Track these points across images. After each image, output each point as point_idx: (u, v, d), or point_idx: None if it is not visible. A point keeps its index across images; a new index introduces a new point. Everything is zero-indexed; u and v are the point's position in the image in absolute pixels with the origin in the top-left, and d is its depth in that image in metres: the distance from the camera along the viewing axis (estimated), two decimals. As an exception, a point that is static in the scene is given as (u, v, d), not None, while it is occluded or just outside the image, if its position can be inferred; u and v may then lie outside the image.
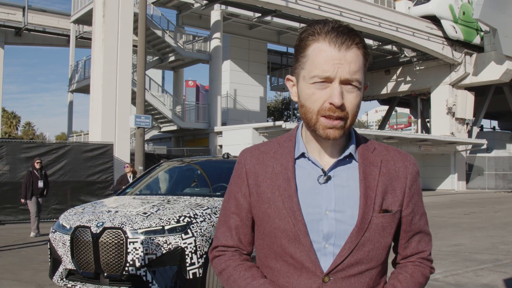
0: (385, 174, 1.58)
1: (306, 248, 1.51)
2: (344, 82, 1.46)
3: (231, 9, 31.89)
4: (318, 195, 1.54)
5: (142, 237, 5.58)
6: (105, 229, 5.66)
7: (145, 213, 5.90)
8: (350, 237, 1.51)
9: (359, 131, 31.96)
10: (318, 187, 1.55)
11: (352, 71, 1.46)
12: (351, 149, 1.58)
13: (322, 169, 1.56)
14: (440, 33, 37.48)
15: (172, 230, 5.68)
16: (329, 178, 1.55)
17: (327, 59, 1.45)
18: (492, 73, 37.66)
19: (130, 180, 13.24)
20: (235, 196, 1.67)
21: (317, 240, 1.52)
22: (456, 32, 37.46)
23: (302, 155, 1.60)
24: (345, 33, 1.47)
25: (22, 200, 13.27)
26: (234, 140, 28.54)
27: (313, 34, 1.49)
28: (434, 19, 37.19)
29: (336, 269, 1.51)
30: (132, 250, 5.54)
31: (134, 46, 22.94)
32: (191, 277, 5.64)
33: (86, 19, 27.69)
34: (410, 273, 1.62)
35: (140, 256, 5.52)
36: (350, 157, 1.59)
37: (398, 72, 43.47)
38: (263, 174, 1.61)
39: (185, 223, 5.77)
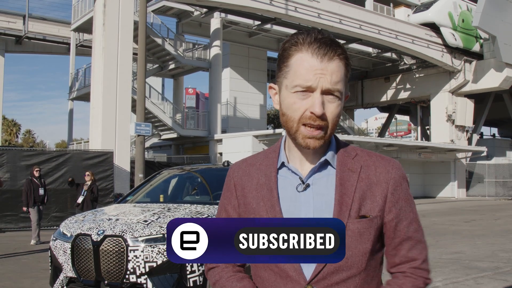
0: (364, 180, 1.57)
1: None
2: (326, 92, 1.49)
3: (230, 17, 31.98)
4: (298, 203, 1.56)
5: (142, 245, 5.59)
6: (105, 237, 5.67)
7: (145, 221, 5.91)
8: None
9: (359, 138, 32.03)
10: (298, 195, 1.57)
11: (333, 82, 1.48)
12: (328, 156, 1.59)
13: (300, 177, 1.58)
14: (439, 41, 37.56)
15: (173, 238, 5.68)
16: (308, 186, 1.57)
17: (309, 69, 1.48)
18: (492, 80, 37.70)
19: (85, 190, 12.98)
20: (225, 208, 1.71)
21: None
22: (456, 40, 37.55)
23: (283, 164, 1.62)
24: (328, 44, 1.49)
25: (24, 208, 13.29)
26: (234, 148, 28.56)
27: (296, 44, 1.52)
28: (434, 27, 37.30)
29: (318, 277, 1.51)
30: (132, 258, 5.55)
31: (134, 54, 23.00)
32: (191, 285, 5.64)
33: (86, 27, 27.76)
34: (399, 285, 1.57)
35: (141, 264, 5.53)
36: (328, 164, 1.60)
37: (397, 79, 43.53)
38: (249, 185, 1.65)
39: (185, 231, 5.76)
